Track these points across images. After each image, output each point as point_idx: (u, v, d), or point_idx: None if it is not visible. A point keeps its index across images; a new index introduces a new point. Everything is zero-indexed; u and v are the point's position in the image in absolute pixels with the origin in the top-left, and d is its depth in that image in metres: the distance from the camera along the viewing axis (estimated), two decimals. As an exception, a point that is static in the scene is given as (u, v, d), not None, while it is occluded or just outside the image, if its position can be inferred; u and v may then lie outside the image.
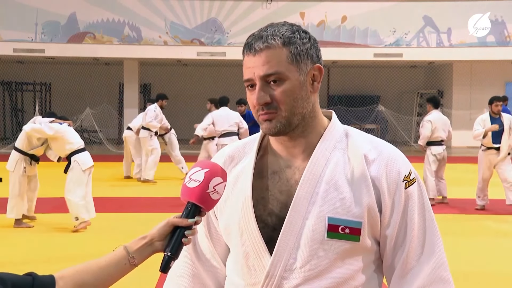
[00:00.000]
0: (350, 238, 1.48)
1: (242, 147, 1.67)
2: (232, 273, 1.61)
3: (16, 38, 18.41)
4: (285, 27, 1.51)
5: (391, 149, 1.57)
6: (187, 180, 1.45)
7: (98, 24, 18.88)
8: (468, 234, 7.49)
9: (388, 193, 1.50)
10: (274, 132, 1.51)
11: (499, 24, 18.74)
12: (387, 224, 1.52)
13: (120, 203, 9.46)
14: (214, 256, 1.68)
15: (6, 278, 1.33)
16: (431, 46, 19.07)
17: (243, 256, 1.55)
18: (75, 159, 7.38)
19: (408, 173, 1.53)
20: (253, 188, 1.55)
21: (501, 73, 19.93)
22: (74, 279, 1.39)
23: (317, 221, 1.47)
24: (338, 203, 1.48)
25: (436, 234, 1.56)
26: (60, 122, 7.53)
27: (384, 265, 1.57)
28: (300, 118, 1.51)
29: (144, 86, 21.86)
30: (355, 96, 21.02)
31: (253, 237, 1.52)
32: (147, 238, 1.43)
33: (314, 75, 1.53)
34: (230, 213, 1.58)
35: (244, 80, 1.52)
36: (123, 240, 1.99)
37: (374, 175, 1.50)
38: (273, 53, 1.47)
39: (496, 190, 11.15)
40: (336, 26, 18.92)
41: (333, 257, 1.48)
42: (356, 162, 1.52)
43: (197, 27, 19.07)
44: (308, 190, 1.49)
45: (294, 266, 1.48)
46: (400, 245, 1.53)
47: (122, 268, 1.42)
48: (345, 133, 1.58)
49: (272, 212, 1.53)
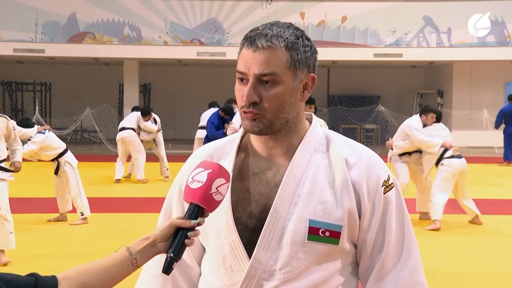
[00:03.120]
0: (329, 241, 1.48)
1: (222, 147, 1.66)
2: (208, 274, 1.60)
3: (16, 38, 18.40)
4: (290, 30, 1.50)
5: (370, 154, 1.58)
6: (190, 181, 1.44)
7: (98, 24, 18.87)
8: (468, 234, 7.48)
9: (368, 198, 1.51)
10: (256, 131, 1.50)
11: (499, 24, 18.73)
12: (366, 228, 1.53)
13: (121, 203, 9.46)
14: (188, 256, 1.66)
15: (9, 279, 1.33)
16: (431, 46, 19.07)
17: (220, 257, 1.54)
18: (65, 160, 7.66)
19: (387, 178, 1.54)
20: (233, 190, 1.54)
21: (501, 73, 19.92)
22: (77, 279, 1.39)
23: (298, 223, 1.48)
24: (320, 206, 1.48)
25: (412, 239, 1.58)
26: (42, 131, 7.67)
27: (361, 268, 1.58)
28: (283, 122, 1.51)
29: (144, 86, 21.85)
30: (355, 96, 21.01)
31: (231, 239, 1.51)
32: (150, 239, 1.43)
33: (307, 83, 1.53)
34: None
35: (237, 71, 1.50)
36: (128, 240, 2.00)
37: (355, 180, 1.51)
38: (274, 54, 1.46)
39: (497, 190, 11.18)
40: (336, 26, 18.91)
41: (312, 259, 1.48)
42: (337, 166, 1.52)
43: (197, 27, 19.06)
44: (289, 192, 1.49)
45: (274, 268, 1.48)
46: (378, 249, 1.54)
47: (125, 269, 1.42)
48: (325, 136, 1.58)
49: (252, 214, 1.52)
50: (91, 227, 7.65)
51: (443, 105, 20.40)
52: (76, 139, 20.88)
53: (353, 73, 21.19)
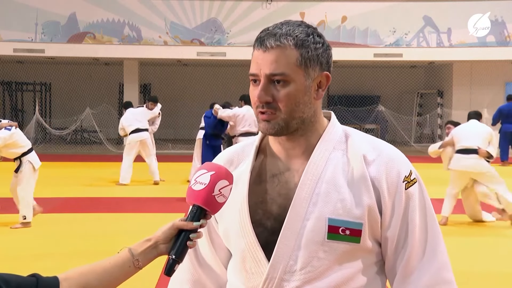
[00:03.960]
0: (350, 239, 1.46)
1: (241, 150, 1.65)
2: (232, 277, 1.61)
3: (16, 38, 18.40)
4: (300, 28, 1.49)
5: (391, 150, 1.55)
6: (192, 182, 1.43)
7: (98, 24, 18.87)
8: (468, 234, 7.48)
9: (388, 194, 1.49)
10: (272, 133, 1.50)
11: (499, 24, 18.73)
12: (387, 225, 1.50)
13: (121, 203, 9.46)
14: (216, 261, 1.67)
15: (10, 279, 1.33)
16: (431, 46, 19.07)
17: (240, 260, 1.54)
18: (28, 159, 7.53)
19: (408, 174, 1.51)
20: (252, 192, 1.54)
21: (501, 73, 19.92)
22: (78, 280, 1.39)
23: (317, 222, 1.46)
24: (339, 204, 1.47)
25: (438, 235, 1.55)
26: (8, 127, 7.50)
27: (386, 266, 1.56)
28: (299, 122, 1.50)
29: (144, 86, 21.85)
30: (355, 96, 21.01)
31: (249, 242, 1.51)
32: (152, 240, 1.43)
33: (321, 82, 1.52)
34: (228, 217, 1.57)
35: (249, 74, 1.50)
36: (128, 240, 1.99)
37: (374, 176, 1.49)
38: (283, 53, 1.45)
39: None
40: (336, 26, 18.91)
41: (333, 258, 1.47)
42: (355, 163, 1.50)
43: (197, 27, 19.06)
44: (307, 191, 1.48)
45: (294, 268, 1.47)
46: (402, 246, 1.51)
47: (126, 271, 1.41)
48: (345, 133, 1.57)
49: (271, 215, 1.51)
50: (91, 227, 7.64)
51: (443, 105, 20.41)
52: (76, 139, 20.89)
53: (353, 73, 21.18)
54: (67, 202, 9.45)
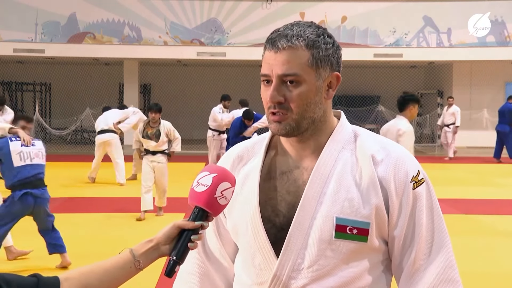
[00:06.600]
0: (358, 238, 1.48)
1: (252, 147, 1.67)
2: (240, 272, 1.62)
3: (16, 38, 18.40)
4: (311, 28, 1.51)
5: (400, 150, 1.56)
6: (195, 184, 1.43)
7: (98, 24, 18.87)
8: (468, 234, 7.48)
9: (396, 194, 1.50)
10: (283, 133, 1.51)
11: (499, 24, 18.74)
12: (395, 224, 1.51)
13: (122, 203, 9.46)
14: (223, 255, 1.68)
15: (11, 279, 1.33)
16: (431, 46, 19.08)
17: (250, 256, 1.55)
18: None
19: (416, 174, 1.53)
20: (261, 189, 1.55)
21: (501, 73, 19.93)
22: (79, 280, 1.39)
23: (325, 221, 1.47)
24: (346, 203, 1.48)
25: (444, 235, 1.57)
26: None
27: (393, 265, 1.57)
28: (310, 122, 1.51)
29: (144, 86, 21.85)
30: (355, 96, 21.02)
31: (259, 238, 1.52)
32: (153, 242, 1.43)
33: (331, 82, 1.54)
34: (238, 213, 1.58)
35: (261, 74, 1.51)
36: (129, 241, 1.99)
37: (382, 176, 1.50)
38: (294, 54, 1.47)
39: (498, 190, 11.18)
40: (336, 26, 18.91)
41: (340, 257, 1.48)
42: (363, 163, 1.51)
43: (197, 27, 19.06)
44: (316, 190, 1.49)
45: (302, 266, 1.48)
46: (408, 246, 1.53)
47: (127, 272, 1.42)
48: (354, 133, 1.58)
49: (280, 212, 1.53)
50: (91, 227, 7.64)
51: (443, 105, 20.41)
52: (76, 139, 20.87)
53: (353, 73, 21.18)
54: (67, 202, 9.45)
